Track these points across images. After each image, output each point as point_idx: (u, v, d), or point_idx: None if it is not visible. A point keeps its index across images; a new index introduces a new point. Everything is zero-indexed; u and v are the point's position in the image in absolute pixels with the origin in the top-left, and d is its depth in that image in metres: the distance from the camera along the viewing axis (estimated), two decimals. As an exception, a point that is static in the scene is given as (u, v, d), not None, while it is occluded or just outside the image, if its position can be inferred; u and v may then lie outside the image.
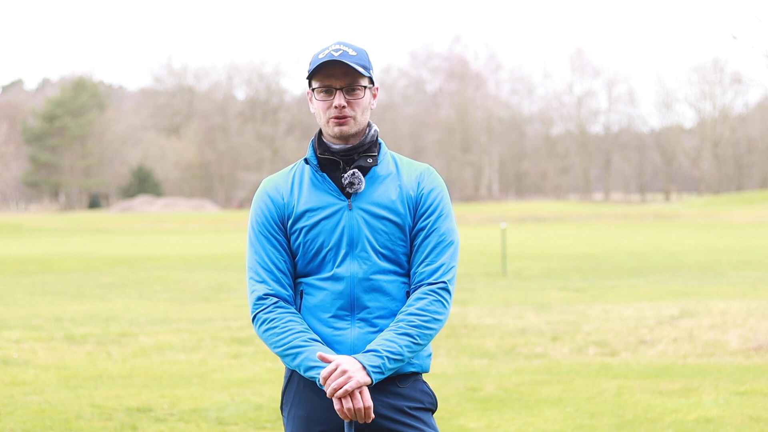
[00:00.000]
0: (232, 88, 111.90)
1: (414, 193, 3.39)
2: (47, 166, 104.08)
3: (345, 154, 3.36)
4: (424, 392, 3.43)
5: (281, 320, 3.32)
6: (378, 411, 3.33)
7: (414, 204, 3.39)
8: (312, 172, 3.40)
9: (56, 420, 7.85)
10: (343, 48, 3.35)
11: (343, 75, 3.33)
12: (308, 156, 3.41)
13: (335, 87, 3.33)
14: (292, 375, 3.43)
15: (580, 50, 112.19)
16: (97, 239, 45.44)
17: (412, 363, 3.38)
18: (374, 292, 3.34)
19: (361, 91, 3.35)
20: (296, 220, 3.37)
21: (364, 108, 3.37)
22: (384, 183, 3.39)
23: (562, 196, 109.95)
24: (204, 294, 18.84)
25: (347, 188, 3.34)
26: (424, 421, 3.40)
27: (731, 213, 64.48)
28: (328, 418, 3.35)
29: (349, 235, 3.33)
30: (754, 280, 19.71)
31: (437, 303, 3.33)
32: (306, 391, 3.38)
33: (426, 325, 3.30)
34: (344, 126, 3.33)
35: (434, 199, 3.40)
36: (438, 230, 3.38)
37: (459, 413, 7.99)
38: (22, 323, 14.26)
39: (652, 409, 8.04)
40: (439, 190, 3.42)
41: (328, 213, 3.35)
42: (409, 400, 3.38)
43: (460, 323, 13.50)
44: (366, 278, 3.33)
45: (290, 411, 3.43)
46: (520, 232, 46.99)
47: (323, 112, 3.35)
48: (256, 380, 9.67)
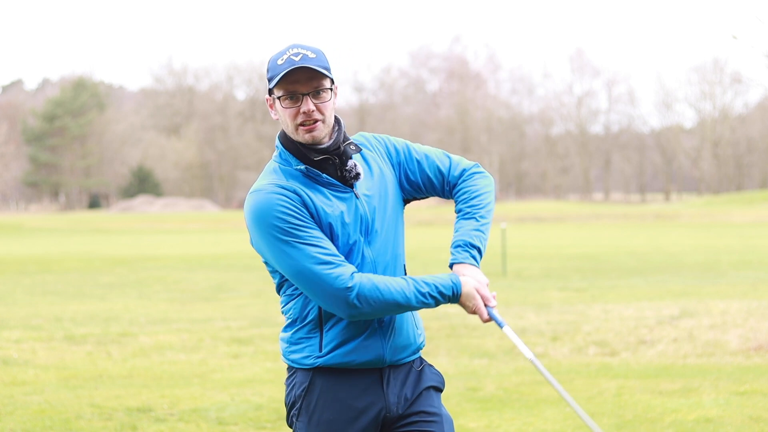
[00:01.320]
0: (232, 88, 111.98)
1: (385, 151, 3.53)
2: (47, 166, 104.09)
3: (334, 150, 3.36)
4: (434, 372, 3.52)
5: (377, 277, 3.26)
6: (402, 406, 3.40)
7: (392, 160, 3.53)
8: (313, 177, 3.35)
9: (56, 420, 7.85)
10: (301, 51, 3.29)
11: (307, 80, 3.28)
12: (294, 167, 3.33)
13: (301, 93, 3.29)
14: (313, 378, 3.37)
15: (580, 50, 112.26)
16: (97, 239, 45.43)
17: (420, 340, 3.50)
18: (397, 262, 3.43)
19: (327, 93, 3.32)
20: (321, 226, 3.31)
21: (331, 109, 3.35)
22: (364, 162, 3.47)
23: (562, 196, 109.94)
24: (204, 294, 18.84)
25: (354, 179, 3.35)
26: (435, 399, 3.47)
27: (731, 213, 64.46)
28: (353, 417, 3.34)
29: (366, 222, 3.35)
30: (754, 280, 19.71)
31: (480, 176, 3.58)
32: (333, 392, 3.34)
33: (483, 199, 3.52)
34: (314, 131, 3.30)
35: (400, 143, 3.57)
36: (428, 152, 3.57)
37: (459, 413, 7.99)
38: (22, 323, 14.27)
39: (652, 409, 8.05)
40: (399, 139, 3.61)
41: (346, 209, 3.34)
42: (423, 381, 3.46)
43: (460, 323, 13.49)
44: (384, 261, 3.38)
45: (312, 417, 3.36)
46: (520, 232, 46.98)
47: (291, 119, 3.30)
48: (256, 380, 9.67)
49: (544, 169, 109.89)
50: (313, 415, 3.36)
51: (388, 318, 3.36)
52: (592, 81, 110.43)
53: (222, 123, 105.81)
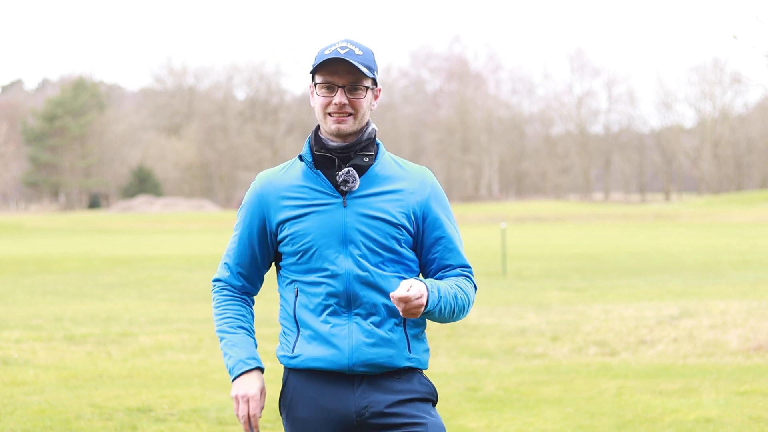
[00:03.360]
0: (232, 88, 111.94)
1: (413, 198, 3.37)
2: (47, 166, 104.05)
3: (341, 152, 3.33)
4: (422, 383, 3.38)
5: (222, 302, 3.52)
6: (376, 409, 3.30)
7: (420, 213, 3.38)
8: (306, 168, 3.37)
9: (56, 420, 7.85)
10: (350, 46, 3.31)
11: (346, 73, 3.30)
12: (303, 153, 3.38)
13: (337, 84, 3.31)
14: (288, 376, 3.41)
15: (580, 50, 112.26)
16: (97, 239, 45.43)
17: (411, 358, 3.35)
18: (370, 289, 3.32)
19: (363, 91, 3.32)
20: (289, 216, 3.35)
21: (365, 108, 3.33)
22: (379, 183, 3.36)
23: (562, 196, 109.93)
24: (204, 294, 18.83)
25: (341, 186, 3.32)
26: (420, 408, 3.34)
27: (731, 213, 64.47)
28: (325, 418, 3.32)
29: (343, 233, 3.31)
30: (754, 280, 19.71)
31: (469, 281, 3.43)
32: (304, 392, 3.35)
33: (465, 290, 3.37)
34: (342, 124, 3.30)
35: (437, 208, 3.41)
36: (447, 237, 3.41)
37: (459, 413, 7.99)
38: (22, 323, 14.27)
39: (652, 409, 8.05)
40: (441, 197, 3.43)
41: (322, 210, 3.32)
42: (405, 393, 3.33)
43: (460, 323, 13.49)
44: (361, 275, 3.31)
45: (288, 414, 3.41)
46: (520, 232, 46.98)
47: (323, 108, 3.33)
48: (256, 380, 9.66)
49: (544, 169, 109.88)
50: (290, 411, 3.41)
51: (366, 332, 3.31)
52: (592, 81, 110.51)
53: (222, 123, 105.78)
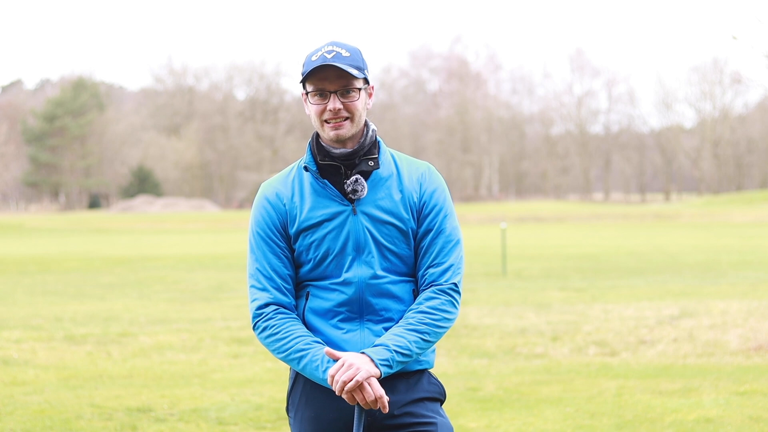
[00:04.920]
0: (232, 88, 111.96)
1: (416, 195, 3.37)
2: (47, 166, 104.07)
3: (346, 159, 3.32)
4: (431, 383, 3.41)
5: (282, 326, 3.30)
6: (393, 401, 3.31)
7: (417, 206, 3.37)
8: (312, 179, 3.35)
9: (56, 420, 7.85)
10: (335, 49, 3.29)
11: (336, 78, 3.28)
12: (307, 162, 3.36)
13: (329, 90, 3.28)
14: (298, 376, 3.41)
15: (580, 50, 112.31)
16: (97, 239, 45.43)
17: (419, 360, 3.37)
18: (382, 296, 3.32)
19: (356, 93, 3.30)
20: (300, 227, 3.33)
21: (360, 110, 3.32)
22: (385, 186, 3.36)
23: (562, 196, 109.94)
24: (204, 294, 18.83)
25: (350, 194, 3.31)
26: (430, 408, 3.37)
27: (731, 213, 64.46)
28: (336, 417, 3.33)
29: (355, 240, 3.31)
30: (754, 280, 19.71)
31: (448, 303, 3.33)
32: (314, 391, 3.36)
33: (436, 323, 3.30)
34: (340, 129, 3.29)
35: (437, 200, 3.39)
36: (444, 231, 3.38)
37: (459, 413, 7.99)
38: (22, 323, 14.27)
39: (652, 409, 8.04)
40: (441, 190, 3.41)
41: (333, 219, 3.31)
42: (415, 393, 3.36)
43: (460, 323, 13.50)
44: (374, 282, 3.31)
45: (297, 412, 3.41)
46: (520, 232, 46.98)
47: (318, 115, 3.31)
48: (256, 380, 9.67)
49: (544, 169, 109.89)
50: (298, 410, 3.41)
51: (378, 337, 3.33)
52: (592, 81, 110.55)
53: (222, 123, 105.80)
